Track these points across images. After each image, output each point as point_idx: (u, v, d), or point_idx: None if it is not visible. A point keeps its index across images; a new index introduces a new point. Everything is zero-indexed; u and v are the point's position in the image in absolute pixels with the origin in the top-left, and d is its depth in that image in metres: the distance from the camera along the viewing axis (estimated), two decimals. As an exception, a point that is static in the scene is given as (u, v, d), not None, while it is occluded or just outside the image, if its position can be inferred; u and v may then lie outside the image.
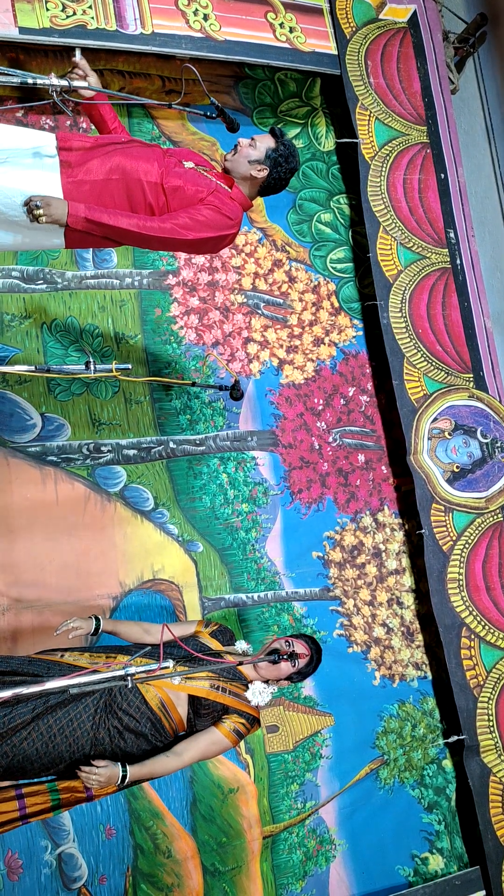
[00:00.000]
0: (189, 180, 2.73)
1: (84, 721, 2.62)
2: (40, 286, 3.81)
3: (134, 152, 2.71)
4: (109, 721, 2.64)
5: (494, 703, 4.02)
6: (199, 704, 2.75)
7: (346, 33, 4.33)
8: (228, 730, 2.75)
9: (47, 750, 2.58)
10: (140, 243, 2.78)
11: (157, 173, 2.70)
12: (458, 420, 4.29)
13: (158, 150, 2.79)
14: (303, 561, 4.08)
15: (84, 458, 3.74)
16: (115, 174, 2.66)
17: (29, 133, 2.67)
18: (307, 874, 3.73)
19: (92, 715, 2.64)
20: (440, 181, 4.48)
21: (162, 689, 2.71)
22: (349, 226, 4.56)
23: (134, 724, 2.65)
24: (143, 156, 2.71)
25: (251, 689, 2.80)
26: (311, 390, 4.29)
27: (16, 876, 3.23)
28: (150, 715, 2.68)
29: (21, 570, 3.50)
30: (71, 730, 2.60)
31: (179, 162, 2.76)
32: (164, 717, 2.70)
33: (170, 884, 3.46)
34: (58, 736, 2.59)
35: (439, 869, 3.96)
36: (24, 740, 2.57)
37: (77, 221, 2.54)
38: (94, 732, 2.62)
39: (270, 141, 2.80)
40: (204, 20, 3.95)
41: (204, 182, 2.76)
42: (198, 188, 2.73)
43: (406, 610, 4.24)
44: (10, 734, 2.56)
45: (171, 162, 2.75)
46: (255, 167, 2.79)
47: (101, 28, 3.70)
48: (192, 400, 4.00)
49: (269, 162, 2.79)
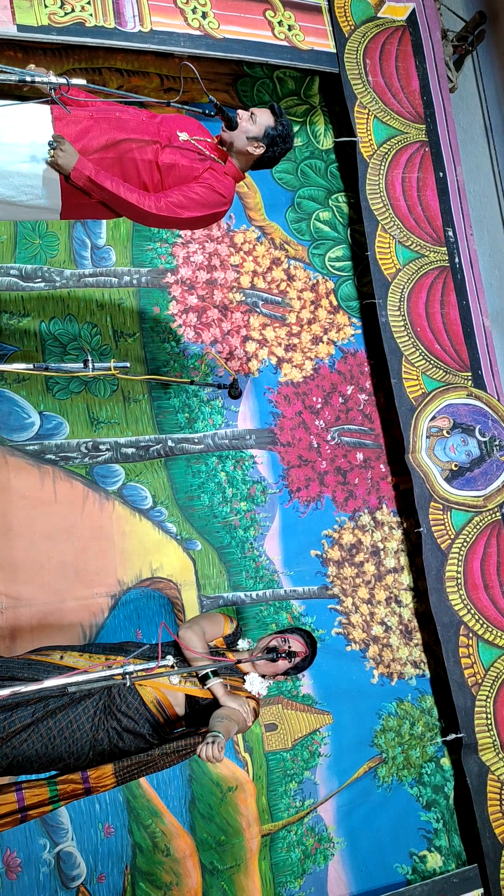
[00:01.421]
0: (184, 156, 2.73)
1: (83, 723, 2.63)
2: (38, 284, 3.80)
3: (129, 126, 2.69)
4: (108, 722, 2.65)
5: (492, 702, 4.02)
6: (196, 703, 2.75)
7: (344, 31, 4.32)
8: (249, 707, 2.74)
9: (47, 751, 2.60)
10: (136, 217, 2.79)
11: (152, 150, 2.70)
12: (456, 418, 4.29)
13: (153, 121, 2.75)
14: (301, 559, 4.08)
15: (82, 456, 3.73)
16: (109, 153, 2.66)
17: (23, 107, 2.62)
18: (306, 872, 3.73)
19: (91, 717, 2.64)
20: (439, 179, 4.47)
21: (159, 690, 2.71)
22: (348, 224, 4.55)
23: (132, 725, 2.66)
24: (137, 129, 2.69)
25: (248, 680, 2.81)
26: (309, 389, 4.29)
27: (14, 874, 3.23)
28: (147, 716, 2.69)
29: (19, 568, 3.49)
30: (70, 731, 2.62)
31: (174, 133, 2.74)
32: (162, 716, 2.71)
33: (168, 882, 3.46)
34: (57, 738, 2.60)
35: (437, 867, 3.96)
36: (24, 742, 2.58)
37: (80, 177, 2.58)
38: (94, 734, 2.63)
39: (269, 118, 2.80)
40: (203, 18, 3.94)
41: (199, 158, 2.76)
42: (192, 165, 2.74)
43: (404, 608, 4.24)
44: (10, 737, 2.57)
45: (166, 134, 2.73)
46: (252, 143, 2.80)
47: (100, 25, 3.69)
48: (191, 398, 3.99)
49: (266, 140, 2.80)
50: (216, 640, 2.93)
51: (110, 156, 2.66)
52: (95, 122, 2.66)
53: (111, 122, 2.68)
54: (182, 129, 2.77)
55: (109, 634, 3.59)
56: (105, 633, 3.59)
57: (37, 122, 2.59)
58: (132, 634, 3.62)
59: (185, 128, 2.79)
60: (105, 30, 3.70)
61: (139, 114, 2.77)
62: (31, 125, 2.58)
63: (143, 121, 2.73)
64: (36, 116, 2.59)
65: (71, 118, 2.62)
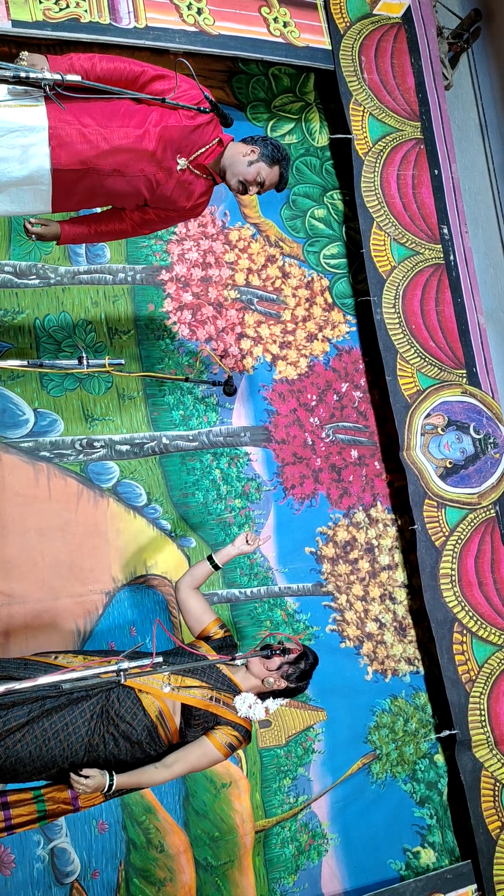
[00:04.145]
0: (174, 197, 2.80)
1: (80, 726, 2.61)
2: (33, 281, 3.80)
3: (129, 169, 2.66)
4: (105, 727, 2.63)
5: (486, 698, 4.03)
6: (190, 715, 2.73)
7: (340, 28, 4.32)
8: (221, 742, 2.71)
9: (41, 753, 2.57)
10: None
11: (143, 197, 2.77)
12: (451, 416, 4.30)
13: (153, 155, 2.67)
14: (296, 556, 4.08)
15: (77, 453, 3.73)
16: (100, 197, 2.76)
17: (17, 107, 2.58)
18: (299, 868, 3.74)
19: (88, 720, 2.62)
20: (434, 177, 4.47)
21: (161, 700, 2.68)
22: (343, 221, 4.55)
23: (130, 732, 2.64)
24: (133, 180, 2.70)
25: (238, 699, 2.75)
26: (304, 386, 4.29)
27: (8, 871, 3.24)
28: (147, 723, 2.66)
29: (13, 565, 3.49)
30: (66, 734, 2.59)
31: (175, 160, 2.72)
32: (161, 726, 2.68)
33: (162, 878, 3.46)
34: (52, 740, 2.58)
35: (431, 863, 3.97)
36: (17, 742, 2.55)
37: (66, 241, 2.93)
38: (89, 738, 2.61)
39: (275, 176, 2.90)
40: (198, 14, 3.94)
41: (187, 197, 2.82)
42: (179, 206, 2.84)
43: (398, 605, 4.25)
44: (5, 736, 2.54)
45: (164, 170, 2.71)
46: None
47: (95, 21, 3.68)
48: (186, 395, 3.99)
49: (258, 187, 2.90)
50: (197, 643, 2.89)
51: (101, 199, 2.79)
52: (91, 167, 2.63)
53: (109, 170, 2.66)
54: (182, 154, 2.72)
55: (104, 632, 3.59)
56: (99, 630, 3.59)
57: (34, 147, 2.57)
58: (126, 632, 3.63)
59: (186, 147, 2.72)
60: (100, 26, 3.69)
61: (138, 129, 2.66)
62: (28, 151, 2.57)
63: (143, 151, 2.66)
64: (29, 114, 2.58)
65: (67, 147, 2.61)
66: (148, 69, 2.69)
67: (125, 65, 2.67)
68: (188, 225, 4.15)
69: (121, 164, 2.64)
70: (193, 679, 2.75)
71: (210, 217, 4.21)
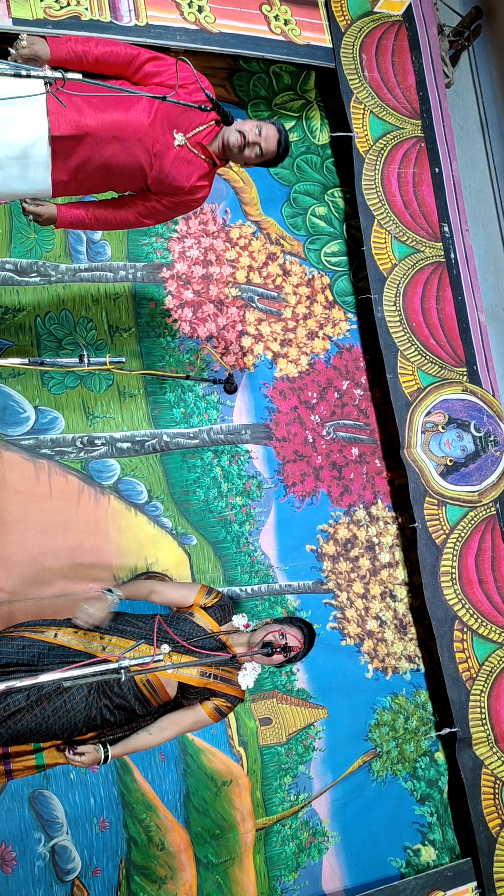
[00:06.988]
0: (173, 174, 2.77)
1: (78, 702, 2.78)
2: (34, 279, 3.80)
3: (126, 135, 2.66)
4: (101, 701, 2.81)
5: (486, 696, 4.03)
6: (187, 689, 2.88)
7: (340, 26, 4.32)
8: (211, 708, 2.94)
9: (41, 729, 2.75)
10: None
11: (142, 173, 2.74)
12: (451, 414, 4.30)
13: (150, 127, 2.70)
14: (296, 554, 4.08)
15: (78, 451, 3.73)
16: (99, 172, 2.70)
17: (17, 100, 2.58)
18: (300, 866, 3.74)
19: (85, 696, 2.79)
20: (434, 175, 4.47)
21: (152, 673, 2.82)
22: (343, 219, 4.55)
23: (123, 703, 2.82)
24: (130, 148, 2.68)
25: (241, 675, 2.89)
26: (305, 384, 4.29)
27: (9, 868, 3.24)
28: (138, 693, 2.83)
29: (14, 563, 3.49)
30: (65, 711, 2.76)
31: (171, 135, 2.72)
32: (151, 694, 2.84)
33: (163, 876, 3.47)
34: (51, 717, 2.74)
35: (431, 860, 3.98)
36: (18, 722, 2.71)
37: (63, 223, 2.85)
38: (87, 711, 2.79)
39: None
40: (199, 12, 3.93)
41: (186, 177, 2.79)
42: (178, 186, 2.80)
43: (399, 603, 4.25)
44: (5, 720, 2.68)
45: (161, 144, 2.71)
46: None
47: (96, 19, 3.68)
48: (186, 393, 3.99)
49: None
50: (211, 622, 2.94)
51: (101, 174, 2.73)
52: (90, 139, 2.64)
53: (104, 141, 2.66)
54: (180, 129, 2.73)
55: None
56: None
57: (31, 115, 2.57)
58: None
59: (183, 124, 2.74)
60: (101, 23, 3.69)
61: (131, 109, 2.69)
62: (25, 120, 2.57)
63: (139, 128, 2.68)
64: (30, 110, 2.58)
65: (65, 114, 2.61)
66: (143, 51, 2.72)
67: (120, 48, 2.71)
68: (189, 222, 4.15)
69: (118, 128, 2.64)
70: (190, 656, 2.84)
71: (211, 214, 4.21)
